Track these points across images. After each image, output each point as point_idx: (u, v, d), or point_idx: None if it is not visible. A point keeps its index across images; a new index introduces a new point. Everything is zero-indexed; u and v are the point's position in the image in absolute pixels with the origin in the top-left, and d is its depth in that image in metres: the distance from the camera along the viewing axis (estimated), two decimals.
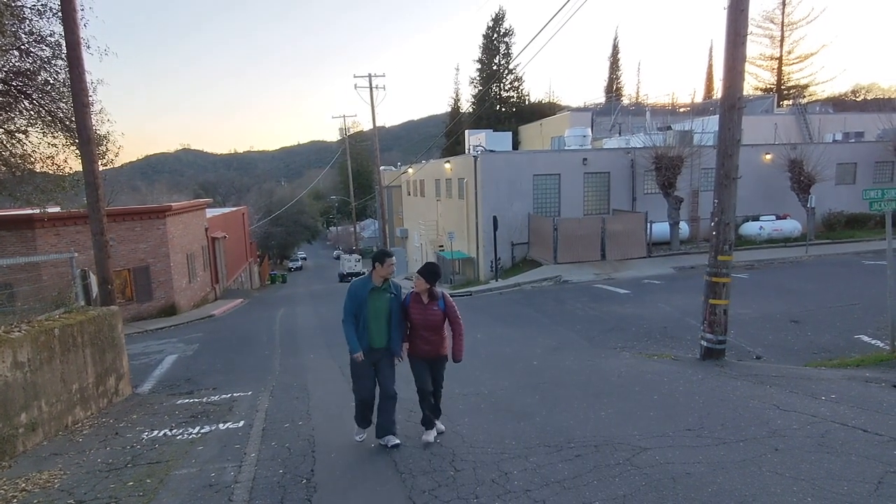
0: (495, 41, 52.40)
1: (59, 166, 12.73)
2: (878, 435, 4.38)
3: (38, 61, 11.51)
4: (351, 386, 5.03)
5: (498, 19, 52.24)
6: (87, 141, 9.30)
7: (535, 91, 67.65)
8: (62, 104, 11.75)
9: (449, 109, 60.19)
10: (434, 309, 4.79)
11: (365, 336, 4.75)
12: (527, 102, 54.51)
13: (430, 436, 4.94)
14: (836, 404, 5.26)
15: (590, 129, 30.19)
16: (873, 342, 9.07)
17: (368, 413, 4.98)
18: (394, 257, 4.82)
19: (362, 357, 4.72)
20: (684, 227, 22.66)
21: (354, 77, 30.35)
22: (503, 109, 52.74)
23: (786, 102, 46.16)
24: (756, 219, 23.30)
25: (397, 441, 4.82)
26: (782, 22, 50.17)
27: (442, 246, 26.14)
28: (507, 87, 53.98)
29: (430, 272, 4.82)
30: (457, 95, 59.74)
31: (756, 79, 53.15)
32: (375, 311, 4.74)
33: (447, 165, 26.20)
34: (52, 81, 11.69)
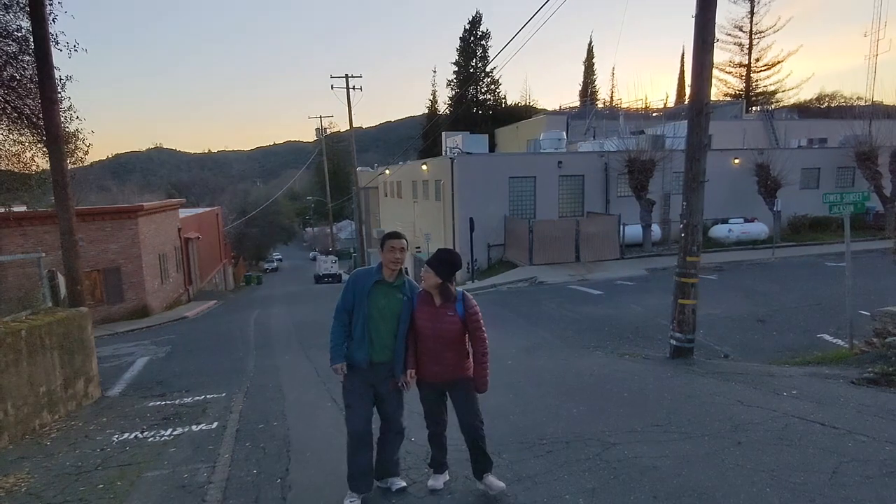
0: (472, 44, 52.67)
1: (25, 164, 12.41)
2: (835, 428, 4.58)
3: (4, 56, 11.20)
4: (344, 414, 3.79)
5: (475, 22, 52.53)
6: (56, 138, 9.10)
7: (512, 94, 68.41)
8: (29, 101, 11.45)
9: (426, 111, 60.30)
10: (449, 315, 3.55)
11: (363, 345, 3.60)
12: (503, 105, 54.90)
13: (440, 481, 3.81)
14: (797, 400, 5.47)
15: (565, 133, 30.60)
16: (834, 341, 9.42)
17: (365, 459, 3.68)
18: (403, 240, 3.67)
19: (343, 370, 3.63)
20: (656, 230, 23.13)
21: (331, 77, 30.17)
22: (480, 112, 53.01)
23: (754, 108, 47.43)
24: (725, 222, 23.92)
25: (403, 484, 3.82)
26: (750, 30, 51.56)
27: (419, 247, 26.17)
28: (483, 90, 54.30)
29: (444, 262, 3.58)
30: (434, 97, 59.95)
31: (725, 85, 54.54)
32: (380, 312, 3.61)
33: (424, 167, 26.26)
34: (18, 77, 11.38)
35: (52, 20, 9.91)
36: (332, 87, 30.04)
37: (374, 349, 3.62)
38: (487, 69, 52.10)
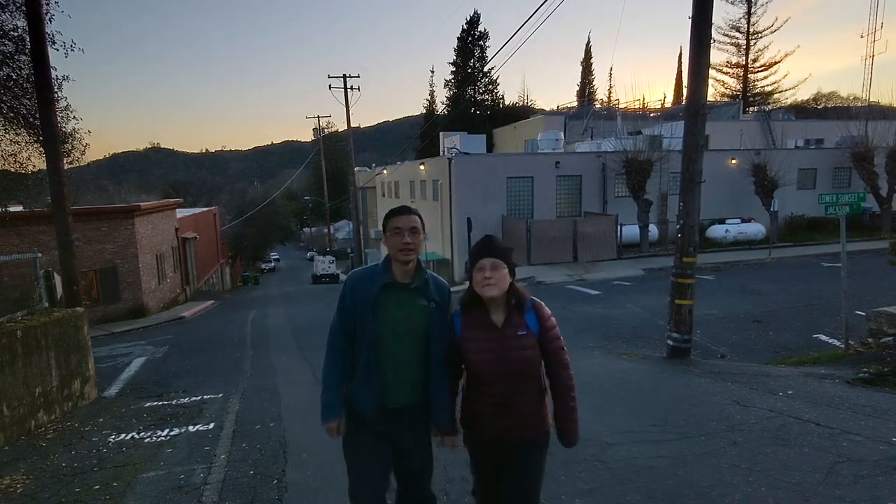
0: (470, 44, 52.68)
1: (21, 164, 12.38)
2: (830, 428, 4.60)
3: (0, 56, 11.18)
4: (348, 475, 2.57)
5: (473, 23, 52.54)
6: (52, 138, 9.09)
7: (510, 94, 68.60)
8: (25, 100, 11.43)
9: (424, 111, 60.35)
10: (521, 335, 2.36)
11: (371, 383, 2.43)
12: (501, 105, 54.95)
13: None
14: (793, 400, 5.49)
15: (563, 133, 30.66)
16: (830, 341, 9.45)
17: None
18: (414, 216, 2.48)
19: (340, 430, 2.48)
20: (653, 230, 23.18)
21: (329, 77, 30.14)
22: (478, 112, 53.05)
23: (751, 109, 47.57)
24: (722, 222, 23.97)
25: None
26: (748, 31, 51.67)
27: None
28: (481, 90, 54.32)
29: (493, 249, 2.38)
30: (432, 97, 59.96)
31: (723, 86, 54.65)
32: (395, 330, 2.43)
33: (422, 167, 26.27)
34: (14, 77, 11.36)
35: (49, 20, 9.90)
36: (330, 87, 30.05)
37: (391, 388, 2.44)
38: (485, 69, 52.13)
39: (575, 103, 53.79)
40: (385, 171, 34.83)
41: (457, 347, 2.45)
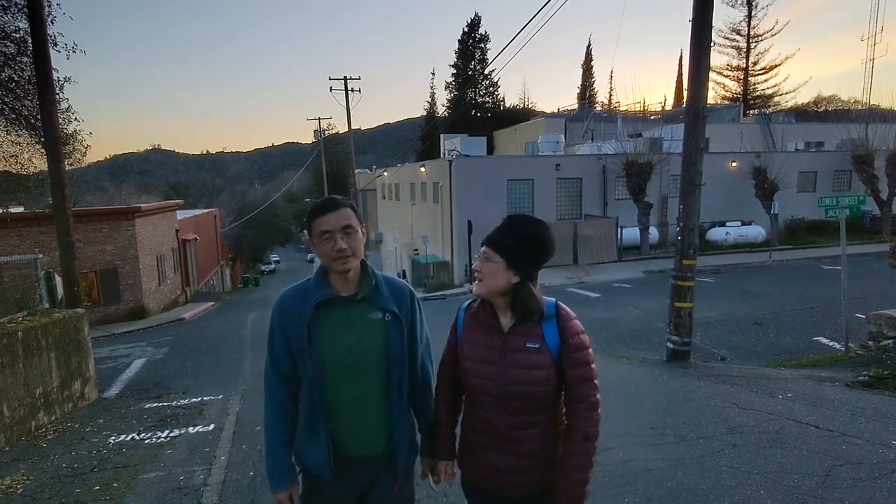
0: (471, 47, 52.76)
1: (22, 165, 12.43)
2: (829, 431, 4.61)
3: (3, 57, 11.22)
4: None
5: (473, 25, 52.63)
6: (53, 139, 9.11)
7: (511, 96, 68.65)
8: (27, 102, 11.47)
9: (425, 113, 60.35)
10: (531, 348, 1.80)
11: (319, 433, 1.91)
12: (502, 108, 55.01)
13: None
14: (792, 402, 5.49)
15: (563, 135, 30.69)
16: (830, 343, 9.45)
17: None
18: (344, 211, 1.88)
19: (291, 501, 1.96)
20: (654, 232, 23.19)
21: (330, 80, 30.18)
22: (478, 114, 53.10)
23: (752, 112, 47.60)
24: (722, 224, 24.00)
25: None
26: (748, 34, 51.73)
27: (417, 250, 26.19)
28: (482, 93, 54.38)
29: (527, 240, 1.85)
30: (432, 100, 59.97)
31: (723, 88, 54.68)
32: (342, 359, 1.87)
33: (422, 169, 26.30)
34: (16, 78, 11.40)
35: (51, 22, 9.95)
36: (331, 90, 30.08)
37: (347, 435, 1.90)
38: (486, 71, 52.21)
39: (575, 106, 53.87)
40: (386, 174, 34.87)
41: (455, 352, 1.98)
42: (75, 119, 12.21)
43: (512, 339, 1.83)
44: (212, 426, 5.90)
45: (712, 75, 48.73)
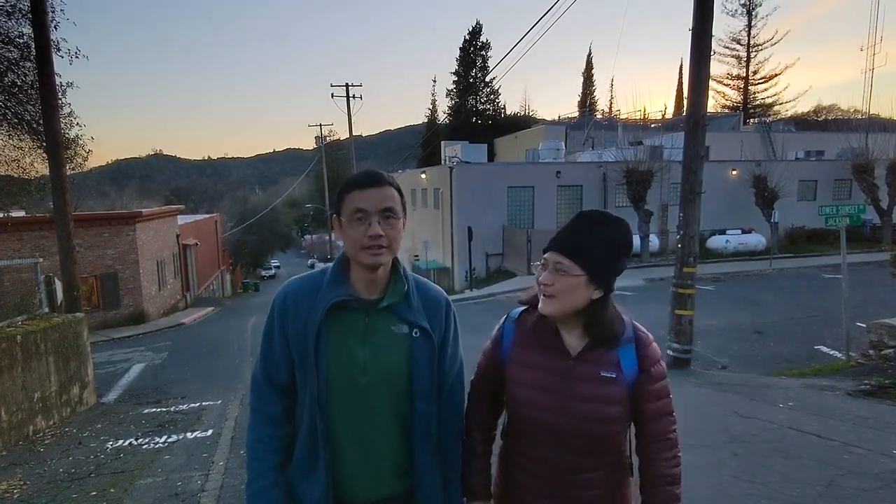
0: (472, 54, 52.96)
1: (24, 169, 12.46)
2: (831, 440, 4.58)
3: (6, 62, 11.27)
4: None
5: (475, 33, 52.86)
6: (56, 144, 9.13)
7: (511, 104, 68.35)
8: (29, 106, 11.52)
9: (426, 120, 60.51)
10: (602, 376, 1.47)
11: (319, 468, 1.46)
12: (502, 115, 55.11)
13: None
14: (794, 411, 5.47)
15: (563, 143, 30.73)
16: (831, 352, 9.42)
17: None
18: (387, 189, 1.44)
19: None
20: (654, 240, 23.19)
21: (331, 86, 30.31)
22: (479, 121, 53.21)
23: (752, 120, 47.72)
24: (723, 232, 23.98)
25: None
26: (748, 43, 51.94)
27: (417, 255, 26.20)
28: (483, 100, 54.50)
29: (607, 243, 1.51)
30: (433, 107, 60.13)
31: (724, 97, 54.84)
32: (355, 379, 1.45)
33: (423, 176, 26.36)
34: (19, 83, 11.46)
35: (54, 27, 10.02)
36: (333, 96, 30.23)
37: (354, 475, 1.50)
38: (487, 79, 52.42)
39: (576, 113, 53.99)
40: None
41: (499, 372, 1.59)
42: (77, 124, 12.28)
43: (582, 366, 1.49)
44: (210, 431, 5.87)
45: (712, 84, 49.04)
